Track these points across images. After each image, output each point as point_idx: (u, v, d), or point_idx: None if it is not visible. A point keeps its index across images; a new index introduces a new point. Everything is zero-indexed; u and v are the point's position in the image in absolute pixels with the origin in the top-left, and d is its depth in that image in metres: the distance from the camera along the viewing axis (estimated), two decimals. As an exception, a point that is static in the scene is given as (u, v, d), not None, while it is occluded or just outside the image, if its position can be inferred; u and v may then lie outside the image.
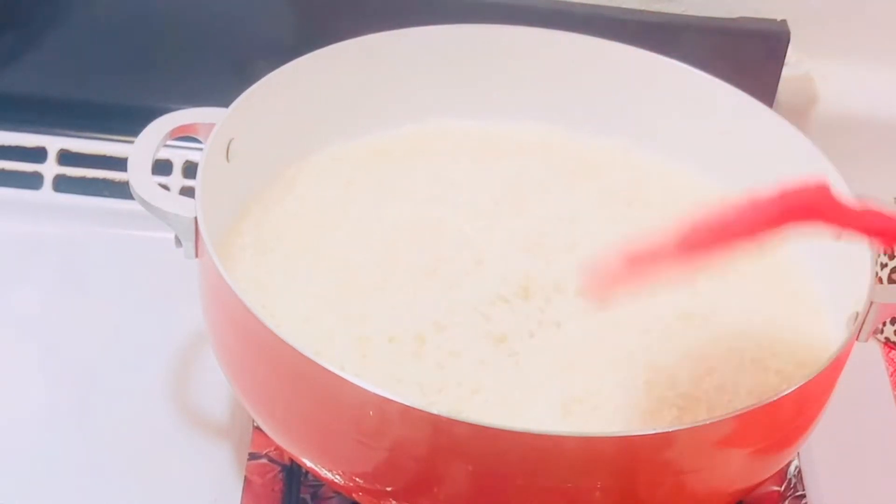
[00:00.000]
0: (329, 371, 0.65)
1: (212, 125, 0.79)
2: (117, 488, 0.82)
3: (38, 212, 1.01)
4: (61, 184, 1.02)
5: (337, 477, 0.72)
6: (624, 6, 1.02)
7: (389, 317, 0.75)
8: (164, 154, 1.00)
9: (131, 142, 0.77)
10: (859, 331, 0.74)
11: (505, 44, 0.91)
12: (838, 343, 0.72)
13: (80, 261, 0.98)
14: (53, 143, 1.03)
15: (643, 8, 1.03)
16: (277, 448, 0.82)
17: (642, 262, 0.64)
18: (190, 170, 1.02)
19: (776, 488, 0.85)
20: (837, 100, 1.10)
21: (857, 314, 0.74)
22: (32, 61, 1.05)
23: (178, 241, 0.75)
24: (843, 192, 0.79)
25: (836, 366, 0.71)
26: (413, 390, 0.72)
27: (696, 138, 0.90)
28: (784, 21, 1.03)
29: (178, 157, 1.02)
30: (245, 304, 0.68)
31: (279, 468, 0.83)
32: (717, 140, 0.89)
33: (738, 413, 0.66)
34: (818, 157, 0.82)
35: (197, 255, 0.75)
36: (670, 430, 0.67)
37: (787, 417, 0.71)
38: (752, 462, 0.71)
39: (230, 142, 0.80)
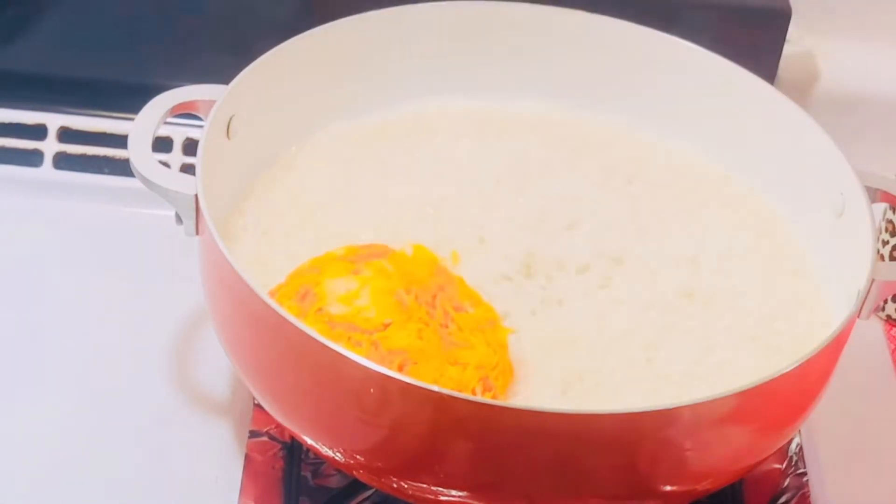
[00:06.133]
0: (331, 348, 0.65)
1: (212, 102, 0.78)
2: (118, 465, 0.82)
3: (38, 189, 1.00)
4: (61, 161, 1.02)
5: (338, 454, 0.72)
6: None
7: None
8: (164, 131, 0.99)
9: (131, 119, 0.77)
10: (860, 308, 0.74)
11: (506, 21, 0.90)
12: (839, 321, 0.72)
13: (80, 238, 0.98)
14: (54, 121, 1.03)
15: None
16: (278, 426, 0.82)
17: None
18: (190, 147, 1.02)
19: (777, 466, 0.85)
20: (839, 77, 1.10)
21: (859, 292, 0.74)
22: (33, 38, 1.05)
23: (178, 219, 0.75)
24: (846, 168, 0.79)
25: (837, 343, 0.71)
26: (414, 367, 0.72)
27: (698, 115, 0.89)
28: (786, -2, 1.03)
29: (178, 134, 1.02)
30: (246, 282, 0.68)
31: (280, 446, 0.83)
32: (718, 117, 0.89)
33: (738, 391, 0.66)
34: (820, 134, 0.82)
35: (197, 233, 0.75)
36: (671, 407, 0.67)
37: (788, 395, 0.71)
38: (753, 440, 0.71)
39: (231, 119, 0.80)
